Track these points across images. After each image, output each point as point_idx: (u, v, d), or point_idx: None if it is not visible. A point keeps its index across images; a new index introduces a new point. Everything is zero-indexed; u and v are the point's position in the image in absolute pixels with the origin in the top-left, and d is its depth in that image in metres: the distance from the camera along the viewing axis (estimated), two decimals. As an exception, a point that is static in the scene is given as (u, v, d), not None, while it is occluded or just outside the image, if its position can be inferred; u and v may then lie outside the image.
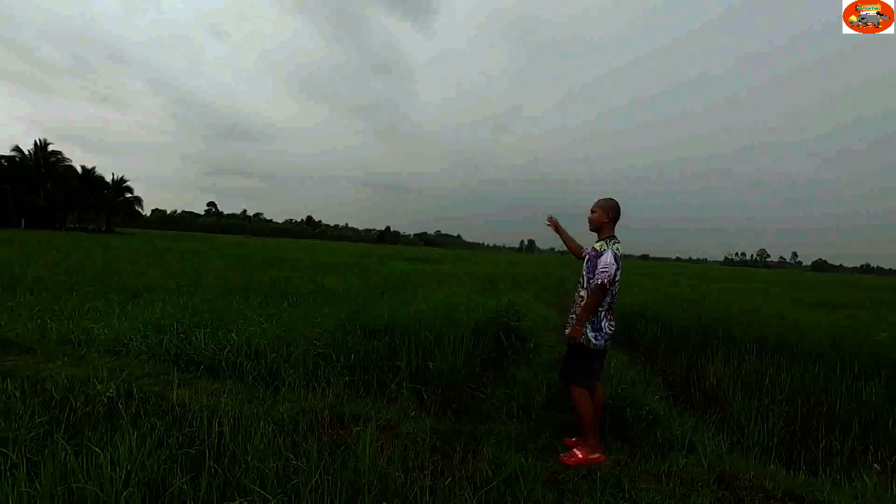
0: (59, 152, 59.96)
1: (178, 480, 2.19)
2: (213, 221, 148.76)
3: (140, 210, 73.82)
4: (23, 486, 1.98)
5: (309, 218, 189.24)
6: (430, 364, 4.50)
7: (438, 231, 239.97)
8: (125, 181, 69.33)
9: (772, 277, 33.99)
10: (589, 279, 3.22)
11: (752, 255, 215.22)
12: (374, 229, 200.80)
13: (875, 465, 3.33)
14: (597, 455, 3.10)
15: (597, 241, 3.31)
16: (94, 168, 64.92)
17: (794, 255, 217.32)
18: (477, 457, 3.00)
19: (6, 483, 2.04)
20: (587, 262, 3.27)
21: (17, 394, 3.23)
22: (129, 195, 69.86)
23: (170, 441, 2.68)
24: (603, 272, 3.09)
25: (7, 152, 55.61)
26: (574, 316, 3.26)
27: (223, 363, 4.44)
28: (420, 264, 21.37)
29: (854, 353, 5.15)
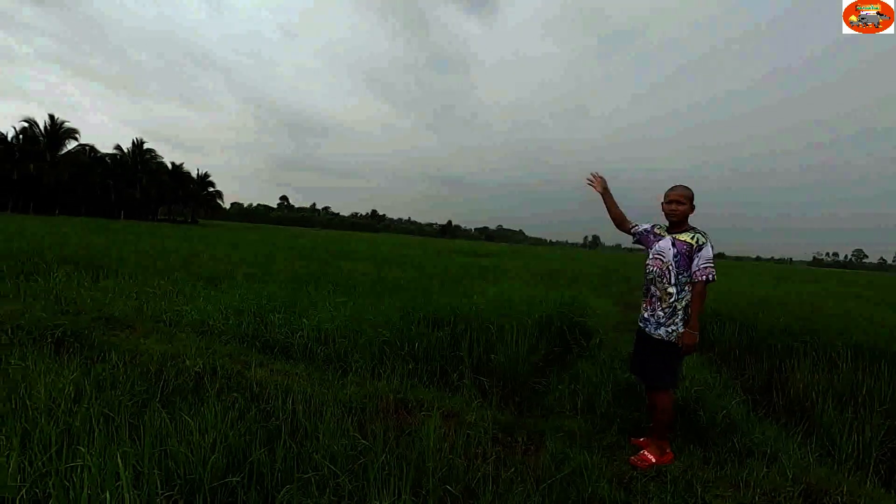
0: (153, 150, 65.77)
1: (257, 451, 2.35)
2: (285, 214, 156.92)
3: (220, 203, 79.44)
4: (126, 445, 2.21)
5: (373, 212, 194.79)
6: (492, 356, 4.50)
7: (500, 226, 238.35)
8: (208, 176, 74.88)
9: (871, 280, 30.71)
10: (678, 275, 3.01)
11: (846, 256, 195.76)
12: (436, 223, 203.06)
13: None
14: (667, 457, 2.97)
15: (680, 232, 3.08)
16: (182, 164, 70.69)
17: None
18: (539, 450, 2.97)
19: (113, 442, 2.28)
20: (676, 257, 3.02)
21: (120, 365, 3.59)
22: (211, 189, 75.35)
23: (248, 415, 2.88)
24: (709, 268, 2.92)
25: (109, 150, 61.81)
26: (662, 315, 3.05)
27: (295, 346, 4.69)
28: (481, 258, 21.37)
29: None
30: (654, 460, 2.93)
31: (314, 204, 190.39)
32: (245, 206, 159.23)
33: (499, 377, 4.30)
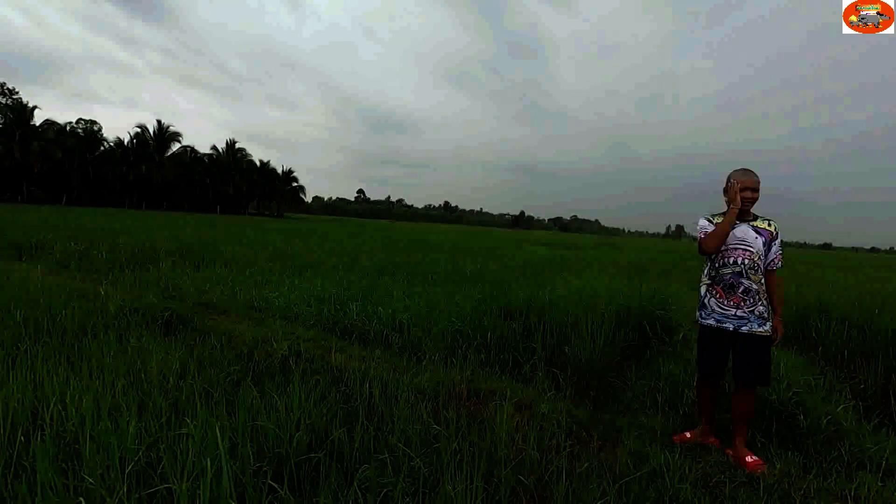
0: (244, 149, 71.06)
1: (338, 431, 2.47)
2: (362, 207, 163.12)
3: (303, 197, 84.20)
4: (224, 419, 2.42)
5: (446, 203, 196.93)
6: (566, 348, 4.40)
7: (574, 216, 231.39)
8: (292, 172, 79.56)
9: None
10: (759, 264, 2.84)
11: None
12: (509, 214, 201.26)
13: None
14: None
15: (758, 219, 2.93)
16: (268, 161, 75.76)
17: None
18: (616, 447, 2.86)
19: (212, 415, 2.51)
20: (765, 245, 2.86)
21: (218, 346, 3.94)
22: (295, 184, 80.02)
23: (329, 397, 3.04)
24: (781, 254, 2.87)
25: (207, 151, 67.63)
26: (763, 309, 2.87)
27: (372, 333, 4.88)
28: (559, 250, 20.89)
29: None
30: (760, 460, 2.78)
31: (389, 196, 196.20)
32: (325, 199, 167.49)
33: (573, 370, 4.20)
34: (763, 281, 2.87)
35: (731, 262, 2.89)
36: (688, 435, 3.04)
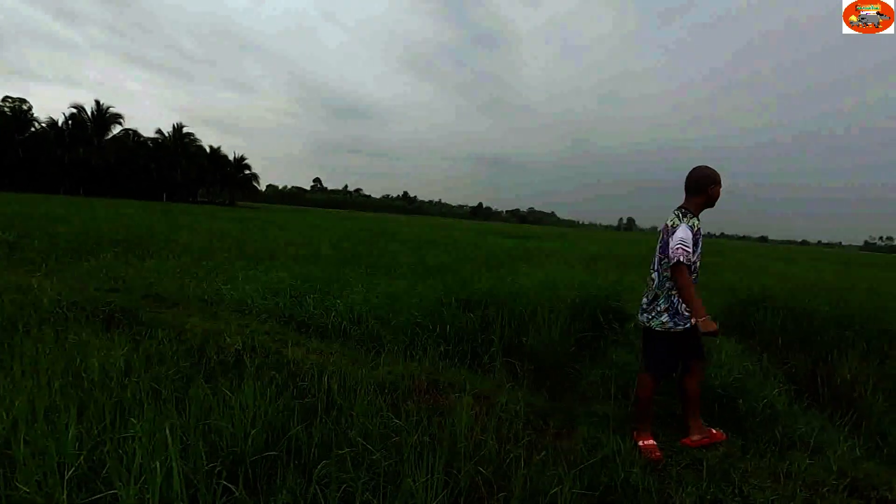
0: (192, 133, 67.63)
1: (295, 427, 2.43)
2: (318, 197, 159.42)
3: (257, 185, 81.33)
4: (174, 418, 2.32)
5: (405, 193, 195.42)
6: (524, 339, 4.49)
7: (532, 208, 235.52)
8: (244, 159, 76.52)
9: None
10: (661, 260, 2.96)
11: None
12: (467, 205, 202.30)
13: None
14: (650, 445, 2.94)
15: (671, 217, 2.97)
16: (219, 147, 72.46)
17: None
18: (572, 435, 2.96)
19: (161, 414, 2.40)
20: (661, 242, 2.96)
21: (166, 341, 3.76)
22: (247, 172, 77.14)
23: (286, 392, 2.97)
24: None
25: (151, 134, 64.01)
26: (645, 301, 3.04)
27: (330, 326, 4.80)
28: (521, 241, 21.21)
29: None
30: (699, 437, 2.96)
31: (346, 186, 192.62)
32: (280, 188, 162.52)
33: (530, 360, 4.29)
34: (656, 277, 2.94)
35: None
36: (694, 439, 3.02)
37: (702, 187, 2.89)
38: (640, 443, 2.88)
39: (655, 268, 2.97)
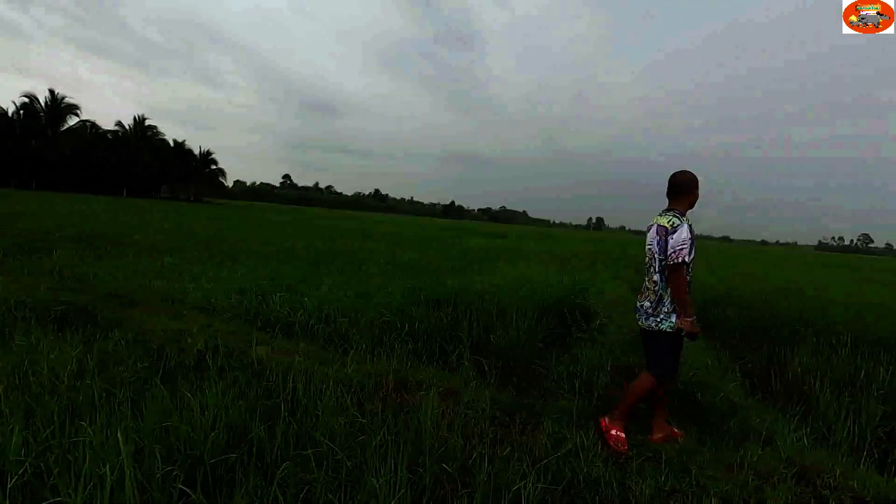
0: (155, 126, 65.17)
1: (257, 428, 2.38)
2: (288, 193, 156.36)
3: (223, 181, 79.16)
4: (129, 421, 2.24)
5: (377, 191, 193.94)
6: (492, 337, 4.53)
7: (503, 206, 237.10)
8: (211, 154, 74.36)
9: (879, 264, 30.61)
10: (662, 261, 2.98)
11: (852, 241, 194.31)
12: (440, 203, 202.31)
13: None
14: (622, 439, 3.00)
15: (662, 216, 3.04)
16: (184, 141, 70.10)
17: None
18: (537, 430, 3.00)
19: (115, 417, 2.31)
20: (660, 243, 2.97)
21: (123, 342, 3.63)
22: (214, 167, 75.02)
23: (250, 393, 2.91)
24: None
25: (111, 127, 61.42)
26: (649, 305, 3.03)
27: (297, 325, 4.73)
28: (492, 239, 21.34)
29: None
30: (662, 435, 3.03)
31: (317, 183, 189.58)
32: (248, 184, 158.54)
33: (498, 357, 4.33)
34: (659, 279, 2.96)
35: (644, 260, 3.10)
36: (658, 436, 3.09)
37: (689, 190, 2.99)
38: (613, 431, 2.93)
39: (657, 269, 2.96)
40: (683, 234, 2.83)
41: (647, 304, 3.02)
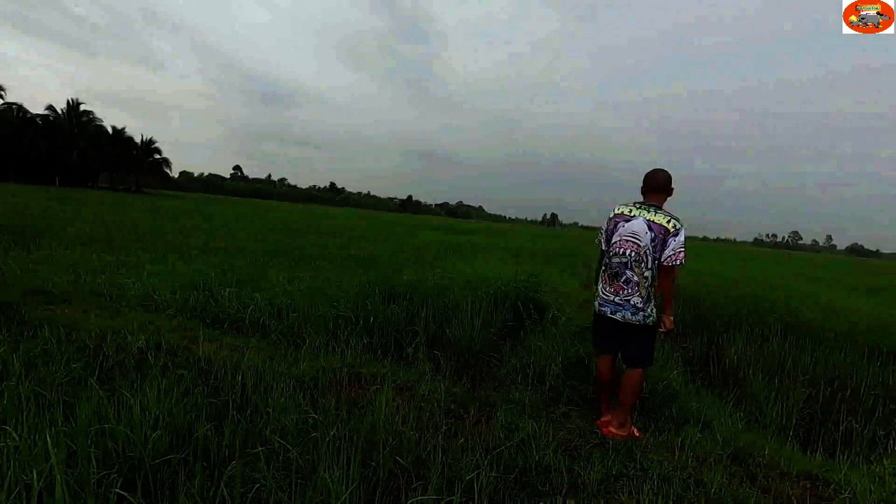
0: (91, 112, 60.96)
1: (203, 427, 2.29)
2: (239, 185, 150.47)
3: (168, 171, 75.18)
4: (59, 424, 2.10)
5: (332, 184, 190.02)
6: (447, 330, 4.55)
7: (460, 202, 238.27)
8: (154, 142, 70.37)
9: (808, 260, 33.04)
10: (655, 258, 3.02)
11: (783, 237, 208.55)
12: (397, 198, 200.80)
13: (897, 449, 3.28)
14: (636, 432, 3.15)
15: (659, 214, 3.04)
16: (124, 128, 65.97)
17: (829, 238, 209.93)
18: (490, 421, 3.05)
19: (44, 420, 2.16)
20: (654, 241, 2.99)
21: (54, 341, 3.39)
22: (157, 156, 71.12)
23: (196, 391, 2.79)
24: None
25: (42, 111, 56.97)
26: (640, 300, 3.04)
27: (247, 321, 4.58)
28: (449, 234, 21.40)
29: (885, 338, 5.00)
30: (625, 434, 3.05)
31: (269, 175, 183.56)
32: (196, 175, 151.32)
33: (454, 351, 4.37)
34: (648, 275, 2.98)
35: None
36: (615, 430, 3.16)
37: (670, 187, 3.10)
38: (636, 433, 3.11)
39: (650, 266, 2.96)
40: (683, 236, 2.94)
41: (636, 299, 2.99)
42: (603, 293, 3.13)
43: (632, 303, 3.02)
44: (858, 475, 2.70)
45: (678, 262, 2.92)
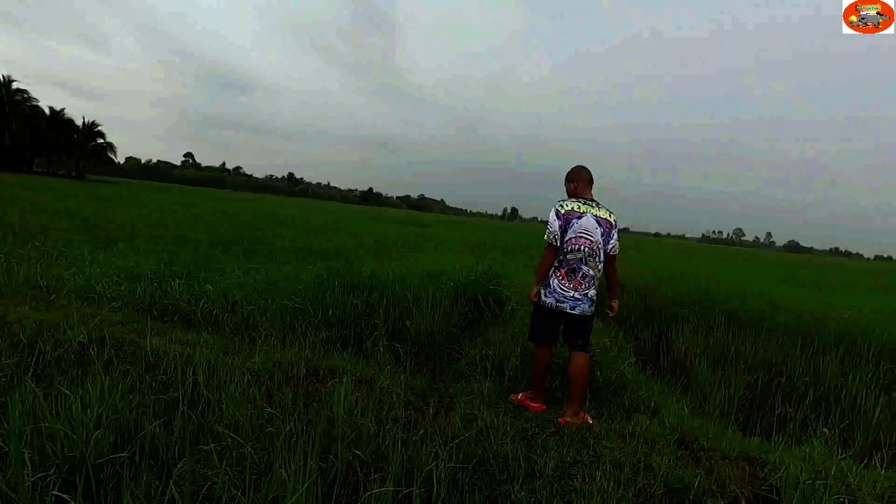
0: (25, 91, 56.63)
1: (150, 424, 2.19)
2: (191, 174, 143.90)
3: (113, 157, 70.97)
4: (-11, 425, 1.96)
5: (290, 175, 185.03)
6: (408, 323, 4.54)
7: (422, 194, 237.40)
8: (97, 126, 66.17)
9: (749, 255, 34.98)
10: (598, 252, 3.22)
11: (727, 234, 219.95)
12: (357, 190, 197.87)
13: (825, 430, 3.54)
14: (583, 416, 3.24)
15: (601, 209, 3.25)
16: (62, 110, 61.66)
17: (769, 234, 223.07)
18: (450, 413, 3.07)
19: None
20: (603, 235, 3.22)
21: (-19, 336, 3.15)
22: (100, 141, 66.99)
23: (143, 387, 2.68)
24: (546, 230, 3.23)
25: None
26: (594, 293, 3.26)
27: (199, 314, 4.41)
28: (410, 227, 21.30)
29: (817, 329, 5.37)
30: (580, 421, 3.14)
31: (224, 163, 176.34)
32: (144, 162, 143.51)
33: (414, 343, 4.36)
34: (600, 267, 3.20)
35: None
36: (519, 397, 3.39)
37: (593, 180, 3.31)
38: (590, 420, 3.20)
39: (601, 259, 3.18)
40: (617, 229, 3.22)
41: (592, 292, 3.19)
42: (561, 289, 3.19)
43: (589, 296, 3.19)
44: (791, 456, 2.89)
45: (617, 252, 3.21)
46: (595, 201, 3.23)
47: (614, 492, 2.32)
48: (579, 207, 3.17)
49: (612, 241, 3.18)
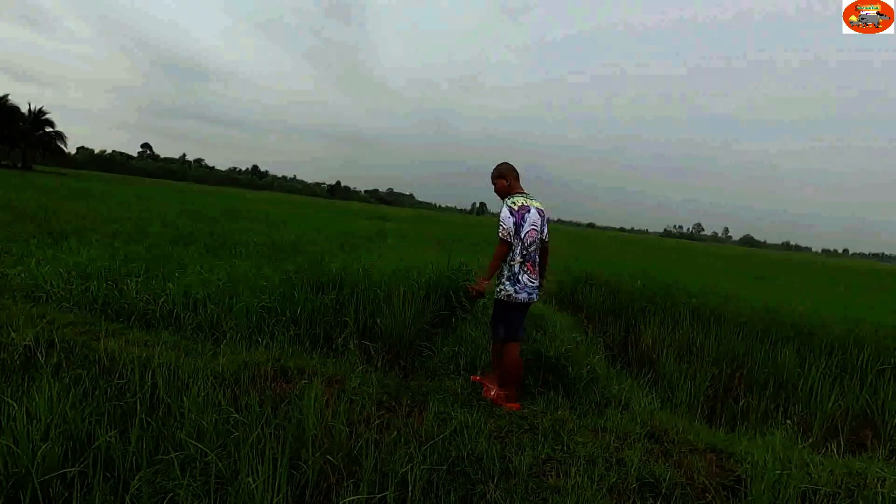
0: (-36, 75, 52.89)
1: (105, 434, 2.05)
2: (148, 165, 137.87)
3: (63, 147, 67.21)
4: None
5: (255, 167, 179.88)
6: (378, 320, 4.46)
7: (391, 189, 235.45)
8: (44, 113, 62.39)
9: (711, 250, 36.30)
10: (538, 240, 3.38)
11: (688, 229, 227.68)
12: (325, 183, 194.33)
13: (788, 421, 3.68)
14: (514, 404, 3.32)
15: (534, 200, 3.41)
16: (6, 96, 57.92)
17: (726, 230, 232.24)
18: (423, 412, 3.02)
19: None
20: (544, 225, 3.43)
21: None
22: (49, 129, 63.30)
23: (97, 393, 2.51)
24: (499, 226, 3.26)
25: None
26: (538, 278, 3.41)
27: (158, 313, 4.20)
28: (379, 222, 21.05)
29: (774, 322, 5.58)
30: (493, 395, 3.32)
31: (184, 155, 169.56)
32: (97, 152, 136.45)
33: (385, 341, 4.28)
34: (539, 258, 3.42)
35: (530, 241, 3.29)
36: (493, 394, 3.37)
37: (512, 176, 3.46)
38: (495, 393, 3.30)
39: (540, 247, 3.38)
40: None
41: (538, 281, 3.38)
42: (530, 283, 3.32)
43: (538, 284, 3.39)
44: (755, 446, 2.98)
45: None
46: (528, 193, 3.42)
47: (589, 487, 2.33)
48: (526, 202, 3.33)
49: (546, 229, 3.39)
